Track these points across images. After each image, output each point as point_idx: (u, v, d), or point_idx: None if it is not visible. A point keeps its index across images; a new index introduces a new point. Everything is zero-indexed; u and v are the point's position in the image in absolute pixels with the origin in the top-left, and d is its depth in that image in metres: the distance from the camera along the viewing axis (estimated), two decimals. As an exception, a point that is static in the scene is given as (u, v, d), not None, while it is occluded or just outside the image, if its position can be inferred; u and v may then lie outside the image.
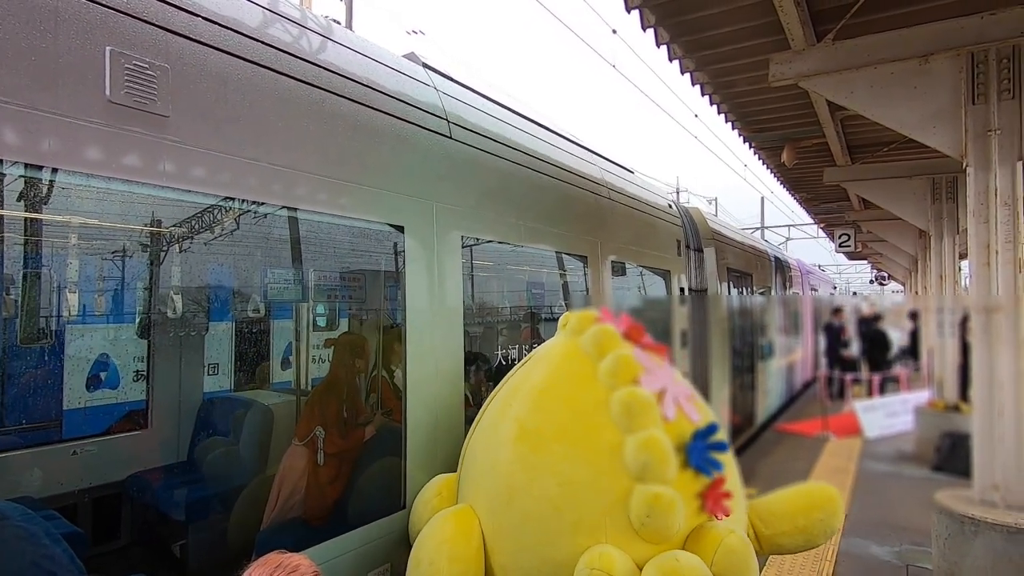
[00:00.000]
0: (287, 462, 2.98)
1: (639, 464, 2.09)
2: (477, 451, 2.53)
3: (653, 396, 2.22)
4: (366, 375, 3.34)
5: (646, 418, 2.16)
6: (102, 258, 4.05)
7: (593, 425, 2.24)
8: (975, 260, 3.95)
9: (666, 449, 2.10)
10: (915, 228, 9.24)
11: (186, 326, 3.83)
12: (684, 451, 2.18)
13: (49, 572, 1.87)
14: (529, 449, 2.28)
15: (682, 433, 2.22)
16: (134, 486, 3.60)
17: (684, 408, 2.30)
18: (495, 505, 2.30)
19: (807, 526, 2.43)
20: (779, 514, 2.46)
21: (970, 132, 3.96)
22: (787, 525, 2.44)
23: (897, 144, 7.17)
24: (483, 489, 2.39)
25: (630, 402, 2.18)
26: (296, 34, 2.52)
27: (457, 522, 2.29)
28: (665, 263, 5.94)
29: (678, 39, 4.77)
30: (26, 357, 3.73)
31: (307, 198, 2.44)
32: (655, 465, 2.08)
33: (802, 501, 2.48)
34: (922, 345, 8.63)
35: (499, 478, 2.31)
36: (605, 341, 2.39)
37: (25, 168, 1.72)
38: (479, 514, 2.34)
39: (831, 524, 2.45)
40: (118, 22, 1.85)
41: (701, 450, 2.21)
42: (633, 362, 2.31)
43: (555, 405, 2.36)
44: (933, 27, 4.03)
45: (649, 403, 2.19)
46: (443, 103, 3.29)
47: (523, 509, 2.21)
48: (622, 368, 2.29)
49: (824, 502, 2.46)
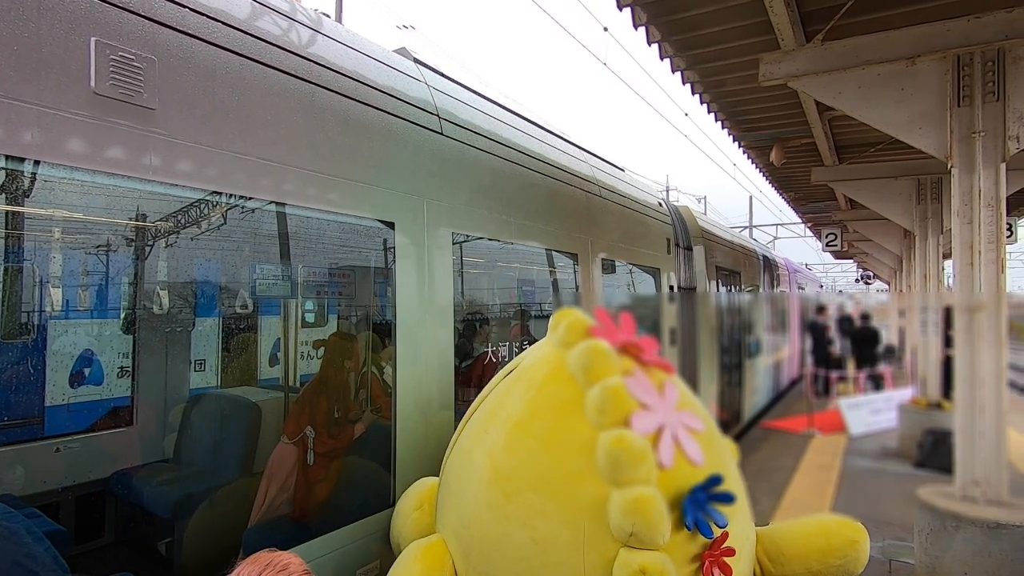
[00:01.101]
0: (275, 460, 2.96)
1: (625, 528, 1.75)
2: (451, 479, 2.26)
3: (647, 441, 1.85)
4: (355, 373, 3.32)
5: (636, 471, 1.80)
6: (86, 253, 3.99)
7: (575, 472, 1.89)
8: (959, 260, 4.01)
9: (657, 512, 1.74)
10: (900, 228, 9.36)
11: (172, 322, 3.79)
12: (679, 508, 1.83)
13: (31, 571, 1.85)
14: (503, 497, 1.97)
15: (679, 483, 1.86)
16: (118, 484, 3.55)
17: (685, 448, 1.94)
18: (467, 549, 2.05)
19: (822, 573, 2.11)
20: (790, 554, 2.15)
21: (955, 134, 4.02)
22: (799, 567, 2.12)
23: (884, 145, 7.26)
24: (455, 525, 2.13)
25: (617, 451, 1.80)
26: (285, 27, 2.49)
27: (425, 564, 2.04)
28: (655, 261, 5.97)
29: (669, 37, 4.78)
30: (7, 353, 3.67)
31: (296, 193, 2.42)
32: (644, 530, 1.73)
33: (819, 542, 2.15)
34: (906, 343, 8.76)
35: (471, 523, 2.05)
36: (595, 365, 1.99)
37: (6, 160, 1.68)
38: (451, 551, 2.10)
39: (851, 572, 2.12)
40: (104, 12, 1.82)
41: (701, 503, 1.85)
42: (625, 397, 1.92)
43: (533, 443, 2.00)
44: (920, 29, 4.08)
45: (640, 452, 1.81)
46: (434, 99, 3.27)
47: (496, 562, 1.96)
48: (611, 404, 1.90)
49: (845, 546, 2.13)
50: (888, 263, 14.57)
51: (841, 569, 2.12)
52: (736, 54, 5.00)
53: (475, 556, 2.01)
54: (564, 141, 4.85)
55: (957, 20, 3.95)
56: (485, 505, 1.99)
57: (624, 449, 1.80)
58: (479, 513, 2.01)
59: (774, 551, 2.17)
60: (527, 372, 2.23)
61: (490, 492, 2.00)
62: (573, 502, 1.86)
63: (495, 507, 1.96)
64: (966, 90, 4.02)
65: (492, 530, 1.96)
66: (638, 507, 1.74)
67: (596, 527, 1.81)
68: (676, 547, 1.80)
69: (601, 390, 1.92)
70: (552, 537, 1.85)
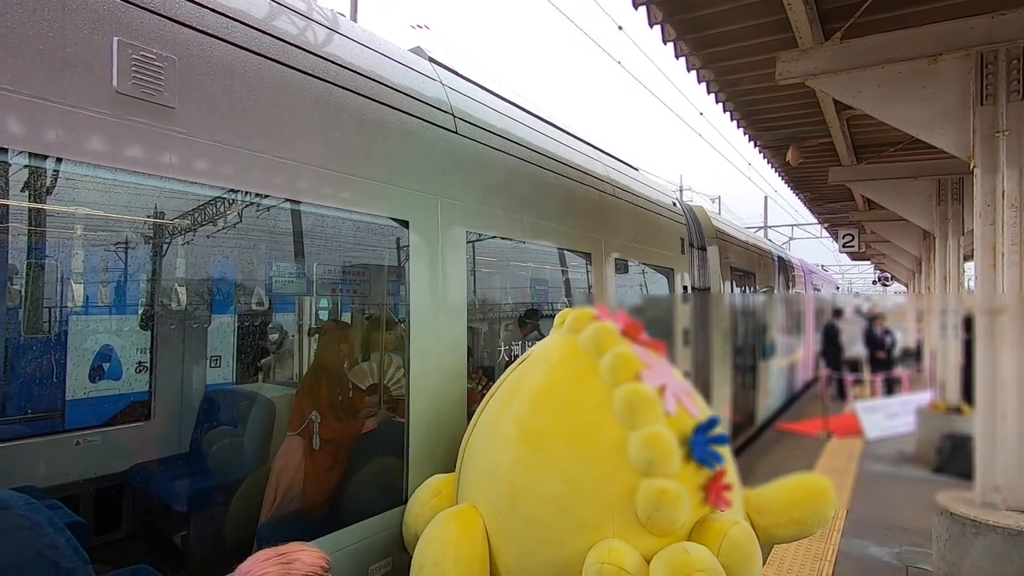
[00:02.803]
0: (283, 455, 3.00)
1: (644, 459, 2.11)
2: (476, 453, 2.51)
3: (655, 392, 2.23)
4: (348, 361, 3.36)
5: (649, 414, 2.18)
6: (106, 249, 4.06)
7: (595, 423, 2.24)
8: (981, 262, 3.93)
9: (670, 444, 2.12)
10: (920, 229, 9.21)
11: (189, 318, 3.84)
12: (687, 445, 2.20)
13: (52, 562, 1.88)
14: (531, 450, 2.28)
15: (683, 428, 2.24)
16: (136, 477, 3.61)
17: (684, 403, 2.32)
18: (498, 506, 2.29)
19: (802, 517, 2.48)
20: (774, 506, 2.51)
21: (978, 133, 3.94)
22: (782, 517, 2.49)
23: (903, 144, 7.14)
24: (484, 491, 2.37)
25: (633, 399, 2.19)
26: (302, 26, 2.51)
27: (460, 523, 2.28)
28: (668, 261, 5.93)
29: (685, 36, 4.74)
30: (31, 348, 3.74)
31: (312, 191, 2.43)
32: (660, 460, 2.10)
33: (797, 492, 2.53)
34: (925, 347, 8.62)
35: (501, 480, 2.30)
36: (604, 339, 2.39)
37: (31, 158, 1.71)
38: (482, 514, 2.33)
39: (825, 514, 2.51)
40: (125, 12, 1.85)
41: (703, 443, 2.23)
42: (634, 359, 2.32)
43: (556, 405, 2.35)
44: (942, 27, 4.01)
45: (652, 399, 2.20)
46: (449, 98, 3.28)
47: (527, 510, 2.21)
48: (623, 365, 2.29)
49: (817, 493, 2.51)
50: (906, 265, 14.34)
51: (818, 513, 2.48)
52: (752, 52, 4.95)
53: (506, 509, 2.26)
54: (578, 140, 4.84)
55: (980, 17, 3.87)
56: (513, 461, 2.29)
57: (638, 396, 2.19)
58: (510, 468, 2.29)
59: (760, 504, 2.52)
60: (542, 356, 2.57)
61: (518, 449, 2.30)
62: (596, 447, 2.20)
63: (524, 460, 2.27)
64: (989, 88, 3.93)
65: (524, 480, 2.25)
66: (654, 440, 2.12)
67: (617, 465, 2.16)
68: (685, 477, 2.16)
69: (613, 355, 2.32)
70: (580, 477, 2.17)
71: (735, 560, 2.06)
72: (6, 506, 2.04)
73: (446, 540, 2.22)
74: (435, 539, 2.25)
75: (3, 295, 3.52)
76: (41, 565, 1.87)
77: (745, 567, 2.09)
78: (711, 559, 2.01)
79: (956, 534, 3.78)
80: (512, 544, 2.24)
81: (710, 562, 1.99)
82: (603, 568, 1.98)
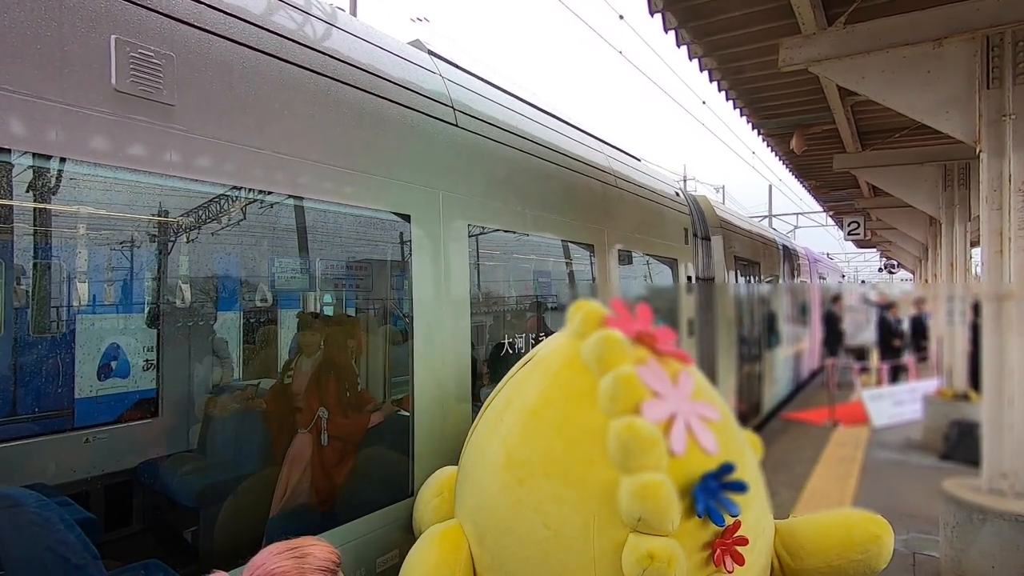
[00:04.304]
0: (292, 449, 3.01)
1: (633, 514, 1.76)
2: (469, 465, 2.32)
3: (658, 429, 1.86)
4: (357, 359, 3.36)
5: (645, 458, 1.81)
6: (110, 248, 4.08)
7: (586, 459, 1.92)
8: (987, 248, 3.90)
9: (667, 498, 1.75)
10: (926, 215, 9.14)
11: (194, 315, 3.86)
12: (689, 495, 1.83)
13: (63, 557, 1.91)
14: (515, 481, 2.01)
15: (690, 472, 1.86)
16: (145, 473, 3.65)
17: (698, 437, 1.93)
18: (481, 534, 2.10)
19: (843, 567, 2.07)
20: (810, 548, 2.12)
21: (984, 117, 3.89)
22: (818, 562, 2.09)
23: (909, 130, 7.07)
24: (471, 512, 2.19)
25: (628, 439, 1.82)
26: (301, 21, 2.50)
27: (444, 547, 2.10)
28: (672, 251, 5.91)
29: (687, 24, 4.70)
30: (38, 346, 3.77)
31: (313, 187, 2.43)
32: (652, 516, 1.74)
33: (840, 536, 2.12)
34: (931, 333, 8.57)
35: (485, 509, 2.10)
36: (608, 353, 2.01)
37: (32, 158, 1.72)
38: (467, 535, 2.15)
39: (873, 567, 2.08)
40: (123, 10, 1.84)
41: (713, 492, 1.85)
42: (637, 385, 1.94)
43: (546, 430, 2.05)
44: (947, 10, 3.95)
45: (651, 440, 1.82)
46: (449, 91, 3.26)
47: (508, 547, 2.00)
48: (623, 391, 1.92)
49: (867, 541, 2.09)
50: (913, 251, 14.24)
51: (862, 564, 2.08)
52: (755, 39, 4.90)
53: (489, 540, 2.05)
54: (580, 131, 4.81)
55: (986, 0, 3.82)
56: (499, 490, 2.04)
57: (634, 436, 1.82)
58: (493, 498, 2.05)
59: (793, 544, 2.15)
60: (543, 362, 2.27)
61: (504, 478, 2.04)
62: (584, 488, 1.89)
63: (508, 492, 2.00)
64: (995, 72, 3.88)
65: (505, 515, 2.00)
66: (647, 492, 1.75)
67: (607, 513, 1.83)
68: (686, 534, 1.81)
69: (613, 378, 1.94)
70: (563, 522, 1.88)
71: None
72: (18, 503, 2.07)
73: (426, 567, 2.07)
74: (418, 562, 2.11)
75: (10, 295, 3.55)
76: (52, 561, 1.89)
77: None
78: None
79: (963, 521, 3.77)
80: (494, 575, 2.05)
81: None
82: None
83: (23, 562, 1.89)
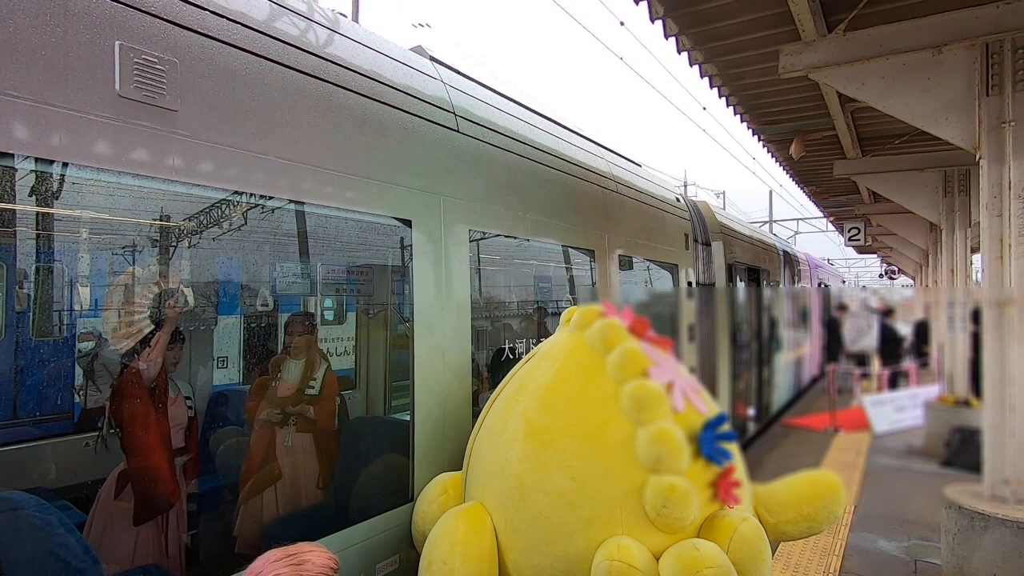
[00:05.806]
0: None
1: (652, 456, 2.11)
2: (483, 451, 2.51)
3: (662, 388, 2.23)
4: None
5: (657, 410, 2.18)
6: (112, 253, 4.08)
7: (603, 419, 2.25)
8: (988, 254, 3.90)
9: (679, 440, 2.12)
10: (926, 222, 9.14)
11: (195, 320, 3.86)
12: (695, 441, 2.20)
13: (64, 561, 1.90)
14: (539, 446, 2.28)
15: (692, 425, 2.24)
16: None
17: (692, 400, 2.31)
18: (506, 504, 2.29)
19: (811, 513, 2.48)
20: (783, 503, 2.50)
21: (984, 124, 3.90)
22: (791, 513, 2.49)
23: (909, 136, 7.08)
24: (492, 488, 2.37)
25: (640, 395, 2.19)
26: (303, 28, 2.52)
27: (469, 520, 2.28)
28: (673, 257, 5.92)
29: (687, 31, 4.72)
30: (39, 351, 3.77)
31: (315, 192, 2.44)
32: (669, 456, 2.10)
33: (806, 489, 2.53)
34: (933, 340, 8.56)
35: (509, 477, 2.31)
36: (612, 335, 2.40)
37: (36, 163, 1.73)
38: (488, 508, 2.34)
39: (834, 511, 2.50)
40: (127, 16, 1.86)
41: (711, 440, 2.23)
42: (641, 355, 2.32)
43: (563, 401, 2.36)
44: (947, 17, 3.97)
45: (659, 395, 2.20)
46: (450, 96, 3.28)
47: (535, 506, 2.22)
48: (630, 361, 2.30)
49: (827, 490, 2.50)
50: (913, 257, 14.24)
51: (827, 510, 2.48)
52: (755, 46, 4.92)
53: (514, 505, 2.27)
54: (580, 137, 4.83)
55: (986, 7, 3.83)
56: (521, 458, 2.30)
57: (646, 393, 2.20)
58: (517, 466, 2.30)
59: (770, 501, 2.52)
60: (549, 353, 2.58)
61: (526, 446, 2.31)
62: (603, 443, 2.22)
63: (532, 457, 2.28)
64: (995, 79, 3.90)
65: (531, 477, 2.25)
66: (662, 437, 2.12)
67: (624, 461, 2.17)
68: (694, 474, 2.16)
69: (620, 351, 2.33)
70: (587, 474, 2.19)
71: (745, 556, 2.07)
72: (18, 507, 2.06)
73: (454, 538, 2.23)
74: (443, 537, 2.26)
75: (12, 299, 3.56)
76: (53, 565, 1.89)
77: (755, 563, 2.10)
78: (721, 555, 2.01)
79: (965, 527, 3.75)
80: (521, 541, 2.25)
81: (720, 558, 1.99)
82: (612, 565, 1.98)
83: (23, 566, 1.88)
